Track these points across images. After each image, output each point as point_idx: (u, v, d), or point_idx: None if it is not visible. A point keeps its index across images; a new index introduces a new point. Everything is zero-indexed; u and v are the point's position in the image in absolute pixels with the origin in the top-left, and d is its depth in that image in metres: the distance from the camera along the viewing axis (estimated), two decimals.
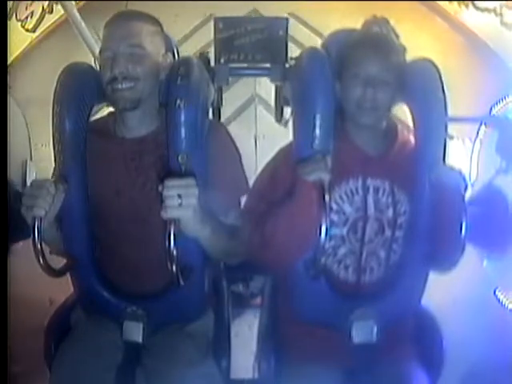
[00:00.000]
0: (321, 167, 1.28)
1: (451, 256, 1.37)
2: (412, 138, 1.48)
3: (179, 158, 1.34)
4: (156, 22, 1.45)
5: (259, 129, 3.19)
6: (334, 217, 1.40)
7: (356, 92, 1.38)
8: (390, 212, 1.43)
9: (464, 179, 1.36)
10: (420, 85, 1.42)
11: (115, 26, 1.39)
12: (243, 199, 1.48)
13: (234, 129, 1.54)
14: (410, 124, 1.47)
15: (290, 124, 1.48)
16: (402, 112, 1.49)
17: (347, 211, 1.42)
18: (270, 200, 1.42)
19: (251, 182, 1.49)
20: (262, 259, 1.45)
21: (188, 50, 1.68)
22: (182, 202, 1.19)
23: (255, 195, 1.47)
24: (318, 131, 1.36)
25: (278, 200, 1.39)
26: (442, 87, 1.41)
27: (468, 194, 1.36)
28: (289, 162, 1.40)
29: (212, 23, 2.00)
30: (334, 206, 1.40)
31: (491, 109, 2.76)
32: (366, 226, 1.43)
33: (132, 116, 1.42)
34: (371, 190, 1.43)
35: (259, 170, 1.52)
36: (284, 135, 1.51)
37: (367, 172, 1.43)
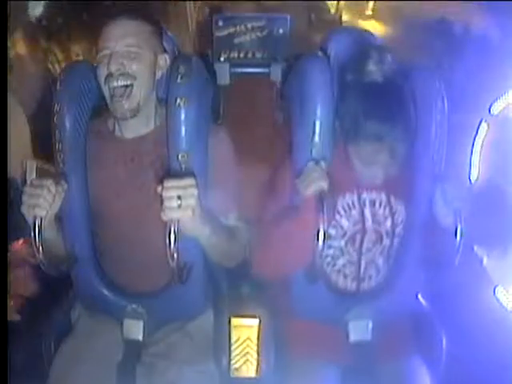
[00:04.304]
0: (317, 177, 1.28)
1: (446, 260, 1.37)
2: None
3: (179, 156, 1.34)
4: (155, 21, 1.45)
5: None
6: (332, 231, 1.39)
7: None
8: (389, 223, 1.43)
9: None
10: (420, 94, 1.38)
11: (113, 25, 1.39)
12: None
13: None
14: None
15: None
16: None
17: (345, 225, 1.42)
18: (270, 209, 1.42)
19: None
20: (260, 270, 1.45)
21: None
22: (181, 203, 1.18)
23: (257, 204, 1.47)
24: (317, 139, 1.35)
25: (278, 209, 1.40)
26: (442, 96, 1.39)
27: (468, 194, 1.36)
28: (287, 170, 1.40)
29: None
30: (332, 221, 1.39)
31: (490, 107, 2.76)
32: (364, 237, 1.43)
33: (131, 120, 1.41)
34: (368, 203, 1.43)
35: None
36: None
37: (362, 185, 1.42)
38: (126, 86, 1.36)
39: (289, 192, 1.38)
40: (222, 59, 1.97)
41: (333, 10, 4.56)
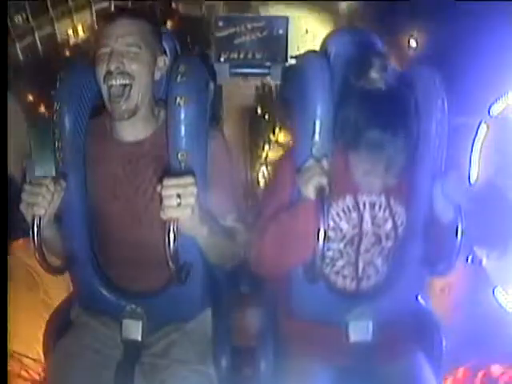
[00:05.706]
0: (316, 173, 1.27)
1: (447, 259, 1.37)
2: None
3: (179, 155, 1.34)
4: (155, 21, 1.45)
5: None
6: (331, 234, 1.39)
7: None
8: (389, 225, 1.43)
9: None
10: (420, 94, 1.37)
11: (114, 24, 1.39)
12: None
13: None
14: None
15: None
16: None
17: (344, 228, 1.42)
18: (270, 207, 1.42)
19: None
20: (259, 266, 1.44)
21: None
22: (180, 202, 1.18)
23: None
24: (317, 138, 1.35)
25: (277, 207, 1.39)
26: (442, 96, 1.38)
27: (467, 195, 1.36)
28: (288, 168, 1.40)
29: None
30: (331, 224, 1.39)
31: (490, 108, 2.76)
32: (362, 239, 1.43)
33: (128, 121, 1.41)
34: (367, 206, 1.42)
35: None
36: None
37: (362, 188, 1.41)
38: (125, 86, 1.36)
39: (289, 192, 1.38)
40: (222, 59, 1.97)
41: None
